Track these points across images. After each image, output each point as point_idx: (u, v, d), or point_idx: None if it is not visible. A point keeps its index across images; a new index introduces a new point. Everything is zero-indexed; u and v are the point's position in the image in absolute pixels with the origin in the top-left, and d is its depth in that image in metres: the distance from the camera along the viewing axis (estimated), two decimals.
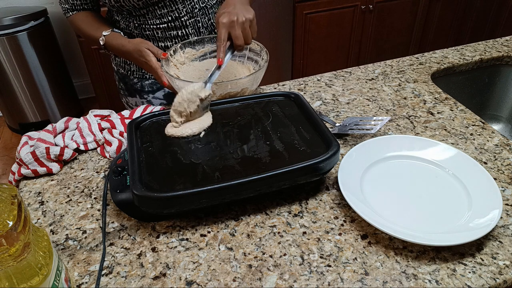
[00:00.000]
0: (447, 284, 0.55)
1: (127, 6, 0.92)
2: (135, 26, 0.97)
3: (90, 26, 0.98)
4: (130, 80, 1.06)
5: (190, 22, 0.97)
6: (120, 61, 1.07)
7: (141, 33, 0.98)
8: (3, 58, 2.12)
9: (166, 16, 0.95)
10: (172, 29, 0.97)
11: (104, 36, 0.94)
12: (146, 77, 1.05)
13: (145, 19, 0.95)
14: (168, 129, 0.73)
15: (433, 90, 0.97)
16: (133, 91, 1.07)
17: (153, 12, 0.94)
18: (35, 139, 0.81)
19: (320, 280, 0.56)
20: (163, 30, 0.97)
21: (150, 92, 1.06)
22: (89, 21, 0.98)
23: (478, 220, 0.60)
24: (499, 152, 0.77)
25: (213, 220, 0.66)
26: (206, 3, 0.99)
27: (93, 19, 0.99)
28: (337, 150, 0.64)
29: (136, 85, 1.06)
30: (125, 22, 0.99)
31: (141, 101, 1.07)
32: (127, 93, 1.09)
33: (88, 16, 0.99)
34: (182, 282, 0.57)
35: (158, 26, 0.96)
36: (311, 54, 2.28)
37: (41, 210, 0.70)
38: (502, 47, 1.13)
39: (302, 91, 0.99)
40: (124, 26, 1.00)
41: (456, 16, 2.47)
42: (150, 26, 0.96)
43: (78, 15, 0.99)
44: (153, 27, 0.96)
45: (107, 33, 0.94)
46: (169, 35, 0.98)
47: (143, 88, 1.06)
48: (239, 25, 0.76)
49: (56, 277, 0.49)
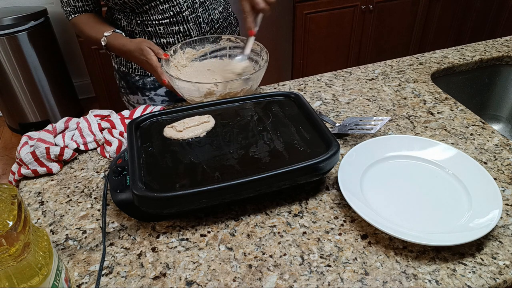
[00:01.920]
0: (447, 284, 0.55)
1: (130, 2, 0.93)
2: (137, 23, 0.98)
3: (92, 28, 0.98)
4: (132, 78, 1.07)
5: (191, 18, 0.97)
6: (121, 59, 1.07)
7: (143, 30, 0.98)
8: (3, 58, 2.12)
9: (168, 11, 0.95)
10: (174, 25, 0.97)
11: (105, 37, 0.94)
12: (148, 74, 1.05)
13: (147, 15, 0.96)
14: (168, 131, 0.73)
15: (433, 90, 0.97)
16: (135, 88, 1.08)
17: (155, 7, 0.94)
18: (35, 139, 0.81)
19: (320, 280, 0.56)
20: (165, 26, 0.97)
21: (152, 89, 1.07)
22: (91, 23, 0.99)
23: (478, 220, 0.60)
24: (499, 152, 0.77)
25: (213, 220, 0.66)
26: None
27: (95, 20, 0.99)
28: (337, 150, 0.64)
29: (138, 83, 1.07)
30: (127, 20, 0.99)
31: (143, 99, 1.08)
32: (129, 91, 1.09)
33: (90, 18, 1.00)
34: (182, 282, 0.57)
35: (160, 21, 0.96)
36: (311, 54, 2.28)
37: (41, 210, 0.70)
38: (502, 47, 1.13)
39: (302, 91, 1.00)
40: (125, 24, 1.00)
41: (456, 16, 2.47)
42: (152, 22, 0.97)
43: (80, 17, 1.00)
44: (155, 23, 0.97)
45: (109, 34, 0.94)
46: (171, 30, 0.98)
47: (145, 86, 1.06)
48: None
49: (56, 277, 0.49)
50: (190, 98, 0.86)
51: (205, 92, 0.83)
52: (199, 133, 0.72)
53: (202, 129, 0.73)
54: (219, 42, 0.97)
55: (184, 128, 0.72)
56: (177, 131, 0.72)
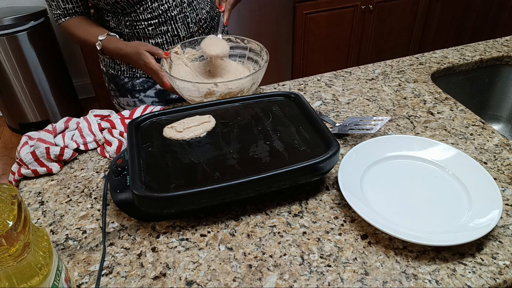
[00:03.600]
0: (447, 284, 0.55)
1: (121, 2, 0.92)
2: (126, 25, 0.97)
3: (84, 31, 0.97)
4: (121, 80, 1.06)
5: (179, 18, 0.97)
6: (109, 61, 1.06)
7: (132, 31, 0.97)
8: (3, 58, 2.12)
9: (156, 9, 0.94)
10: (162, 25, 0.97)
11: (100, 41, 0.93)
12: (137, 76, 1.04)
13: (136, 14, 0.95)
14: (168, 132, 0.73)
15: (433, 90, 0.97)
16: (124, 91, 1.07)
17: (144, 5, 0.93)
18: (35, 139, 0.81)
19: (320, 280, 0.56)
20: (154, 27, 0.97)
21: (141, 91, 1.06)
22: (82, 26, 0.97)
23: (478, 220, 0.60)
24: (499, 152, 0.77)
25: (213, 220, 0.66)
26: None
27: (87, 23, 0.98)
28: (337, 150, 0.64)
29: (127, 85, 1.06)
30: (116, 22, 0.98)
31: (133, 101, 1.07)
32: (118, 94, 1.09)
33: (82, 21, 0.98)
34: (182, 282, 0.57)
35: (149, 22, 0.96)
36: (311, 54, 2.28)
37: (41, 210, 0.70)
38: (502, 47, 1.13)
39: (302, 91, 1.00)
40: (114, 25, 0.99)
41: (456, 16, 2.47)
42: (141, 22, 0.96)
43: (71, 21, 0.98)
44: (144, 23, 0.96)
45: (103, 38, 0.93)
46: (160, 31, 0.98)
47: (134, 87, 1.05)
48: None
49: (56, 277, 0.49)
50: (190, 98, 0.86)
51: (205, 92, 0.83)
52: (200, 133, 0.72)
53: (203, 129, 0.73)
54: None
55: (184, 128, 0.72)
56: (177, 131, 0.72)
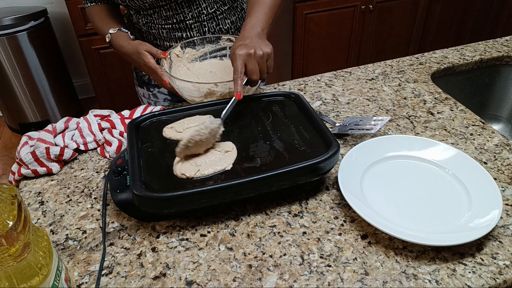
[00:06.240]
0: (447, 284, 0.55)
1: (133, 6, 0.94)
2: (143, 23, 0.99)
3: (101, 21, 0.99)
4: (140, 71, 1.09)
5: (195, 26, 0.98)
6: None
7: (148, 30, 1.00)
8: (3, 58, 2.12)
9: (171, 18, 0.96)
10: (176, 31, 0.98)
11: (110, 34, 0.95)
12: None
13: (152, 18, 0.97)
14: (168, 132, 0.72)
15: (433, 90, 0.97)
16: (142, 82, 1.10)
17: (158, 13, 0.95)
18: (35, 139, 0.81)
19: (320, 280, 0.56)
20: (168, 31, 0.98)
21: (156, 86, 1.08)
22: (101, 15, 1.00)
23: (478, 220, 0.60)
24: (499, 152, 0.77)
25: (213, 220, 0.66)
26: (215, 9, 0.98)
27: (106, 14, 1.00)
28: (337, 150, 0.64)
29: (145, 77, 1.09)
30: (136, 18, 1.01)
31: (148, 94, 1.10)
32: (137, 83, 1.12)
33: (103, 10, 1.01)
34: (182, 282, 0.57)
35: (163, 26, 0.97)
36: (311, 54, 2.28)
37: (41, 210, 0.70)
38: (502, 47, 1.13)
39: (302, 91, 0.99)
40: (135, 21, 1.02)
41: (456, 16, 2.47)
42: (156, 25, 0.98)
43: (94, 8, 1.01)
44: (158, 26, 0.98)
45: (114, 32, 0.95)
46: (174, 36, 0.99)
47: (150, 81, 1.08)
48: (256, 58, 0.72)
49: (56, 277, 0.49)
50: (190, 98, 0.86)
51: (205, 92, 0.83)
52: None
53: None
54: (219, 42, 0.97)
55: (184, 129, 0.72)
56: (177, 131, 0.72)
